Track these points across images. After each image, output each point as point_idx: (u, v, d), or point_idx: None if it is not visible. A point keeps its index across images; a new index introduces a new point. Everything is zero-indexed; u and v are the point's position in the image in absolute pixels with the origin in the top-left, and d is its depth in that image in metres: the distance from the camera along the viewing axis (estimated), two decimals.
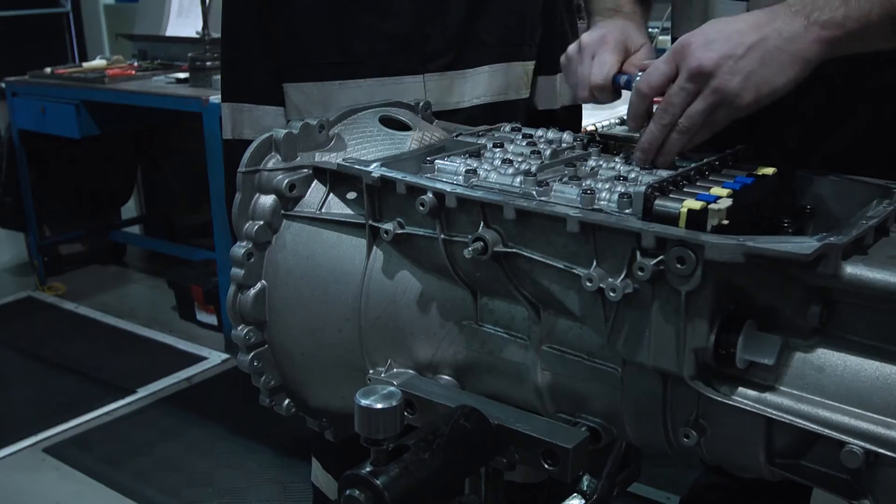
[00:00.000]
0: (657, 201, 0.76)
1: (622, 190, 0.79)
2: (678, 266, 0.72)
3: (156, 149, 4.03)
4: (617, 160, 0.94)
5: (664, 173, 0.85)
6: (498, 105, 1.38)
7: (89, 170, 3.87)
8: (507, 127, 1.08)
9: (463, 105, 1.33)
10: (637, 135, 0.95)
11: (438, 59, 1.30)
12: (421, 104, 1.14)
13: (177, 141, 3.89)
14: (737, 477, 0.85)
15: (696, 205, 0.74)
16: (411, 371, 0.97)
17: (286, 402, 1.07)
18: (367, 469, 0.75)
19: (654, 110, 0.92)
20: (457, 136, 1.05)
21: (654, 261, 0.73)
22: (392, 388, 0.77)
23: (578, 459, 0.83)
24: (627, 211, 0.77)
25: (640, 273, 0.74)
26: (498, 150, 0.97)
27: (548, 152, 0.95)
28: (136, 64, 3.61)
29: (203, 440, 2.51)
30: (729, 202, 0.75)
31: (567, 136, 1.03)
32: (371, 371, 0.98)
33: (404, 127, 1.08)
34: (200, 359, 3.03)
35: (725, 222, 0.74)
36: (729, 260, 0.70)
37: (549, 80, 1.46)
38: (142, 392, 2.80)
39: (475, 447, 0.84)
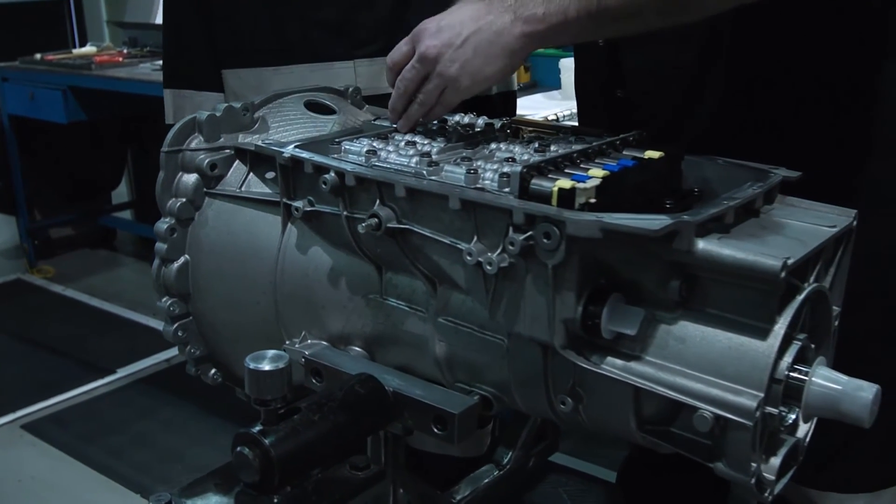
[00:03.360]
0: (533, 181, 0.81)
1: (506, 170, 0.84)
2: (545, 241, 0.77)
3: (146, 134, 4.08)
4: (517, 144, 0.99)
5: (550, 155, 0.90)
6: None
7: (80, 155, 3.93)
8: None
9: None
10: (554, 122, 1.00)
11: (368, 46, 1.35)
12: (350, 89, 1.19)
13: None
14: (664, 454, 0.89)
15: (567, 184, 0.79)
16: (324, 343, 1.02)
17: (212, 371, 1.12)
18: (257, 428, 0.80)
19: None
20: (375, 120, 1.09)
21: (524, 236, 0.78)
22: (280, 353, 0.82)
23: (465, 425, 0.88)
24: (506, 189, 0.82)
25: (511, 247, 0.79)
26: (408, 133, 1.02)
27: (454, 136, 1.00)
28: (124, 51, 3.66)
29: (177, 419, 2.57)
30: (597, 182, 0.80)
31: (480, 121, 1.08)
32: (287, 342, 1.03)
33: (329, 111, 1.13)
34: None
35: (593, 201, 0.79)
36: (588, 235, 0.74)
37: None
38: (121, 372, 2.86)
39: (369, 412, 0.88)
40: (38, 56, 3.55)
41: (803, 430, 0.87)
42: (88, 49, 3.70)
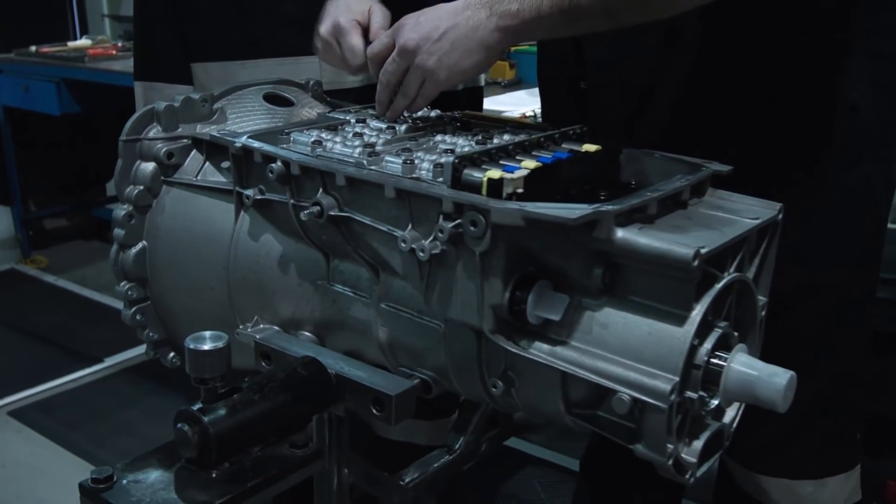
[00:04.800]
0: (465, 171, 0.84)
1: (440, 161, 0.87)
2: (471, 228, 0.80)
3: None
4: (461, 136, 1.01)
5: (489, 146, 0.92)
6: None
7: (75, 146, 3.97)
8: None
9: (357, 84, 1.41)
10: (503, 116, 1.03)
11: None
12: (311, 83, 1.22)
13: None
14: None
15: (496, 174, 0.82)
16: (275, 327, 1.05)
17: (171, 355, 1.15)
18: (197, 406, 0.83)
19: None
20: (330, 113, 1.13)
21: (452, 224, 0.81)
22: (220, 334, 0.85)
23: (402, 406, 0.91)
24: (440, 179, 0.85)
25: (441, 234, 0.82)
26: (359, 125, 1.05)
27: (402, 128, 1.03)
28: (119, 44, 3.70)
29: (160, 407, 2.61)
30: (525, 172, 0.83)
31: (432, 114, 1.11)
32: (240, 327, 1.06)
33: (289, 104, 1.16)
34: None
35: (520, 190, 0.82)
36: (511, 223, 0.77)
37: None
38: (109, 361, 2.90)
39: (310, 393, 0.91)
40: (32, 48, 3.59)
41: (729, 415, 0.90)
42: (83, 42, 3.74)
